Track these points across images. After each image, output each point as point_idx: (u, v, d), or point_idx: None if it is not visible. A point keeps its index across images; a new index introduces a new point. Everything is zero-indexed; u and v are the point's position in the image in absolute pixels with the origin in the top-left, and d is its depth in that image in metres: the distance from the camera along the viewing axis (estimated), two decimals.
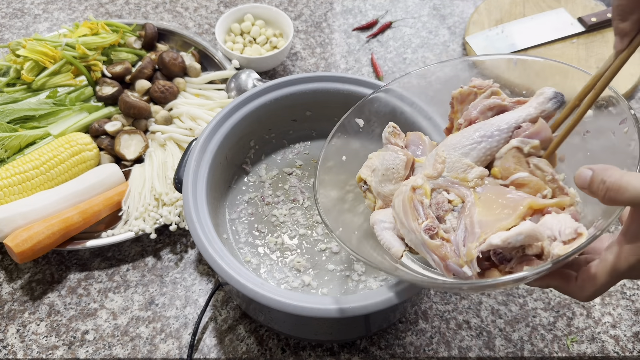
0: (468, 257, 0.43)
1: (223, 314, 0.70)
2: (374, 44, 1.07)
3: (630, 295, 0.73)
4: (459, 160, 0.49)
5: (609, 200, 0.38)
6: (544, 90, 0.49)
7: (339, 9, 1.14)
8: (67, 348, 0.67)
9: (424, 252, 0.47)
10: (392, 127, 0.56)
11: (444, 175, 0.50)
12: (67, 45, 0.91)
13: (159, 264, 0.75)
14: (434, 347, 0.68)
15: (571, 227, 0.41)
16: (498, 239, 0.41)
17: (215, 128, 0.68)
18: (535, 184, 0.45)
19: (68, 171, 0.78)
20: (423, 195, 0.48)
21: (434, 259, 0.46)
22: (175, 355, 0.66)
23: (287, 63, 1.03)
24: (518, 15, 1.07)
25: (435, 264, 0.46)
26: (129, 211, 0.77)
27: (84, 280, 0.73)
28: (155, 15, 1.12)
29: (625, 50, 0.42)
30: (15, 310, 0.70)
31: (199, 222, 0.58)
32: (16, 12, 1.12)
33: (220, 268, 0.54)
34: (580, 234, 0.40)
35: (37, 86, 0.88)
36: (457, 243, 0.45)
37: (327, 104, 0.75)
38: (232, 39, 1.00)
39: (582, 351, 0.68)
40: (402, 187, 0.51)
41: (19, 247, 0.67)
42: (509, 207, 0.44)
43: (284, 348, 0.68)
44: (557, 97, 0.48)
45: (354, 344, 0.68)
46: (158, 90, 0.88)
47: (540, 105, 0.48)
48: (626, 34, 0.41)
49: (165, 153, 0.83)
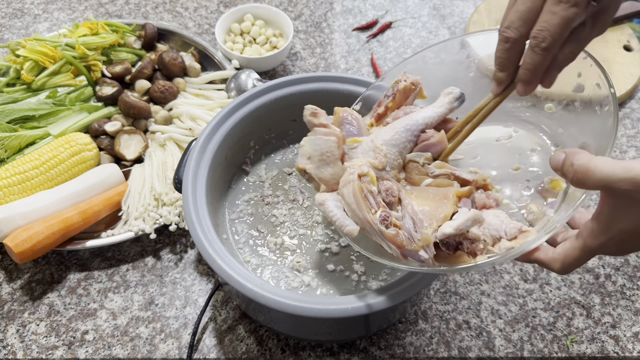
0: (425, 242, 0.48)
1: (223, 314, 0.70)
2: (373, 44, 1.07)
3: (630, 296, 0.73)
4: (397, 159, 0.55)
5: (577, 182, 0.40)
6: (451, 90, 0.57)
7: (339, 9, 1.14)
8: (66, 348, 0.67)
9: (379, 240, 0.50)
10: (310, 109, 0.58)
11: (387, 169, 0.54)
12: (67, 45, 0.91)
13: (158, 264, 0.75)
14: (433, 347, 0.68)
15: (515, 226, 0.48)
16: (450, 228, 0.47)
17: (215, 128, 0.68)
18: (441, 183, 0.53)
19: (68, 171, 0.78)
20: (370, 183, 0.51)
21: (391, 247, 0.49)
22: (175, 356, 0.66)
23: (287, 63, 1.03)
24: None
25: (391, 250, 0.49)
26: (129, 211, 0.77)
27: (83, 281, 0.73)
28: (155, 15, 1.12)
29: (499, 95, 0.50)
30: (15, 310, 0.70)
31: (198, 222, 0.58)
32: (16, 12, 1.12)
33: (220, 268, 0.54)
34: (524, 231, 0.47)
35: (37, 86, 0.88)
36: (408, 230, 0.50)
37: (327, 104, 0.75)
38: (232, 39, 1.00)
39: (582, 351, 0.68)
40: (349, 176, 0.52)
41: (18, 247, 0.67)
42: (441, 196, 0.51)
43: (284, 348, 0.68)
44: (462, 97, 0.57)
45: (353, 344, 0.68)
46: (158, 90, 0.88)
47: (450, 104, 0.57)
48: (502, 82, 0.48)
49: (165, 153, 0.83)
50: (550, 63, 0.44)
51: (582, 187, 0.40)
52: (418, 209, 0.51)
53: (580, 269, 0.76)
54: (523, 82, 0.46)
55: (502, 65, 0.47)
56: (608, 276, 0.75)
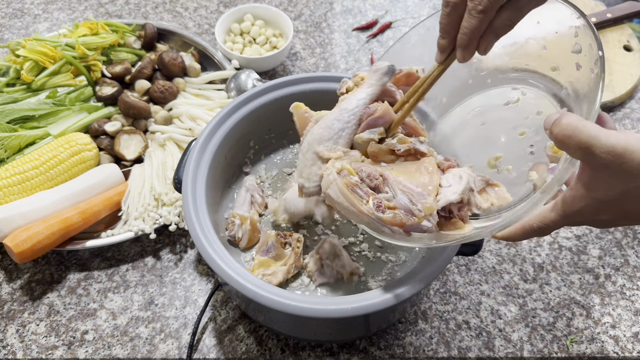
0: (428, 211, 0.49)
1: (222, 314, 0.70)
2: (373, 44, 1.07)
3: (630, 296, 0.73)
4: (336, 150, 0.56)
5: (561, 140, 0.40)
6: (378, 67, 0.58)
7: (338, 9, 1.14)
8: (66, 348, 0.67)
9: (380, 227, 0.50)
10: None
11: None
12: (67, 46, 0.91)
13: (158, 264, 0.75)
14: (433, 348, 0.68)
15: (481, 179, 0.52)
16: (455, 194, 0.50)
17: (214, 128, 0.68)
18: (408, 151, 0.55)
19: (68, 171, 0.78)
20: (350, 175, 0.52)
21: (393, 230, 0.49)
22: (174, 356, 0.66)
23: (287, 63, 1.03)
24: None
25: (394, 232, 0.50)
26: (129, 211, 0.77)
27: (83, 281, 0.73)
28: (155, 15, 1.12)
29: (442, 64, 0.51)
30: (15, 310, 0.70)
31: (198, 222, 0.58)
32: (16, 12, 1.12)
33: (220, 268, 0.54)
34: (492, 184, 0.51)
35: (37, 86, 0.88)
36: (404, 206, 0.50)
37: (327, 104, 0.75)
38: (231, 39, 1.00)
39: (581, 351, 0.68)
40: (328, 177, 0.53)
41: (18, 247, 0.67)
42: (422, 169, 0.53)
43: (284, 348, 0.68)
44: (390, 69, 0.57)
45: (353, 344, 0.68)
46: (158, 90, 0.88)
47: (379, 81, 0.58)
48: (444, 49, 0.49)
49: (164, 153, 0.83)
50: (487, 28, 0.45)
51: (565, 147, 0.40)
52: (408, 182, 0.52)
53: (580, 269, 0.76)
54: (460, 47, 0.47)
55: (444, 31, 0.48)
56: (608, 276, 0.75)
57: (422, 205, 0.49)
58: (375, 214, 0.49)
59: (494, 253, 0.77)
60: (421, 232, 0.50)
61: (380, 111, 0.56)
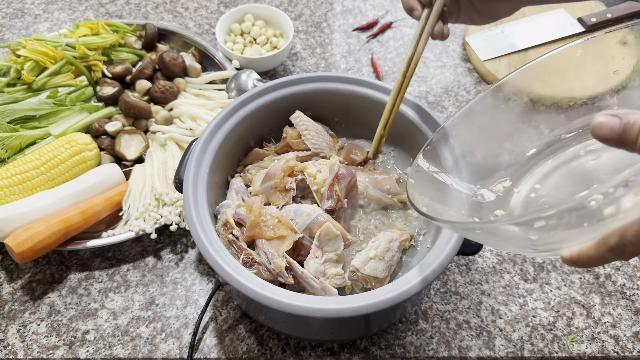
0: (278, 269, 0.59)
1: (223, 314, 0.70)
2: (374, 44, 1.07)
3: (630, 295, 0.73)
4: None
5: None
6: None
7: (339, 9, 1.14)
8: (67, 348, 0.67)
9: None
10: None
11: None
12: (68, 46, 0.91)
13: (159, 264, 0.75)
14: (434, 347, 0.68)
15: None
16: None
17: (215, 128, 0.68)
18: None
19: (68, 171, 0.78)
20: (230, 229, 0.62)
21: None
22: (175, 355, 0.66)
23: (287, 63, 1.03)
24: (518, 16, 1.07)
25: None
26: (130, 211, 0.77)
27: (84, 280, 0.73)
28: (155, 15, 1.12)
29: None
30: (16, 310, 0.70)
31: (199, 222, 0.58)
32: (16, 12, 1.12)
33: (221, 268, 0.54)
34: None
35: (38, 86, 0.88)
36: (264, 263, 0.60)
37: (327, 104, 0.75)
38: (232, 39, 1.00)
39: (582, 351, 0.68)
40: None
41: (19, 247, 0.67)
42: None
43: (284, 348, 0.68)
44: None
45: (354, 344, 0.68)
46: (158, 90, 0.89)
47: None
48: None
49: (165, 153, 0.83)
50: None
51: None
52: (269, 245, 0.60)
53: (580, 268, 0.76)
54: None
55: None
56: (608, 276, 0.75)
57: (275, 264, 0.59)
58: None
59: (494, 253, 0.77)
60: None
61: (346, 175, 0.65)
